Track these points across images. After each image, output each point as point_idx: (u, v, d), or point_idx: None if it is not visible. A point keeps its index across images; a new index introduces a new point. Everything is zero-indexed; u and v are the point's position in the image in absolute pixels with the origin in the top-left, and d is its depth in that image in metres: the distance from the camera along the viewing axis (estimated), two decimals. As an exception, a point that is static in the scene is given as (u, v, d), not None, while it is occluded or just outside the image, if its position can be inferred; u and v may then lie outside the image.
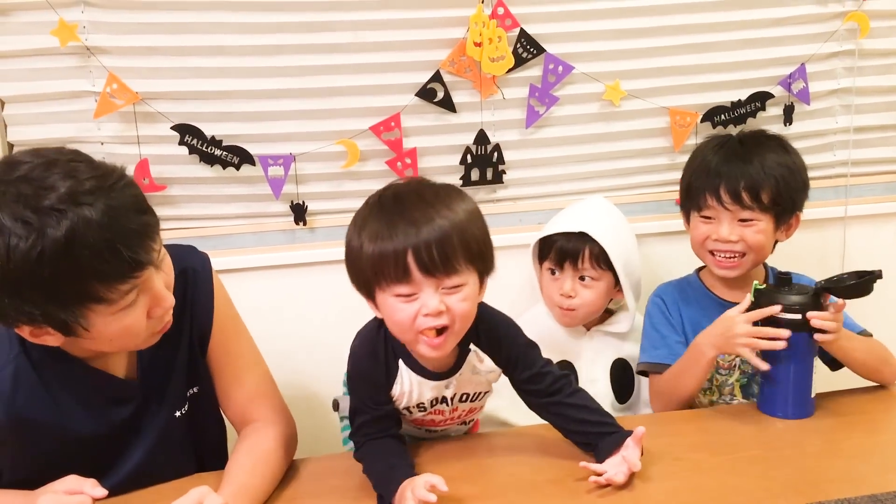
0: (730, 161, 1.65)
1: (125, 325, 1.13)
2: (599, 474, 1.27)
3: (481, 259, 1.25)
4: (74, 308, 1.08)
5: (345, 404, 1.71)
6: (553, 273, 1.77)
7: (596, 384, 1.79)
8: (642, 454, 1.31)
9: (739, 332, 1.46)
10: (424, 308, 1.20)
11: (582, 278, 1.74)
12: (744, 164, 1.63)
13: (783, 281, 1.48)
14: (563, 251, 1.74)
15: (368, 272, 1.22)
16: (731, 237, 1.62)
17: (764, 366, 1.46)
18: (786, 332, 1.43)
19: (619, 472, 1.27)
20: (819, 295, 1.46)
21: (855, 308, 2.11)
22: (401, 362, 1.34)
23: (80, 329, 1.11)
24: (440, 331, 1.23)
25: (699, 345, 1.54)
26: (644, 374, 1.71)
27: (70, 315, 1.09)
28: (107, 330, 1.12)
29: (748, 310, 1.47)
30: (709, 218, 1.66)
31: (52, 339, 1.13)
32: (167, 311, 1.20)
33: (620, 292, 1.76)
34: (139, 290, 1.12)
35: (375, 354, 1.34)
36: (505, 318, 1.40)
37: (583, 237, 1.72)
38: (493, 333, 1.36)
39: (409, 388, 1.35)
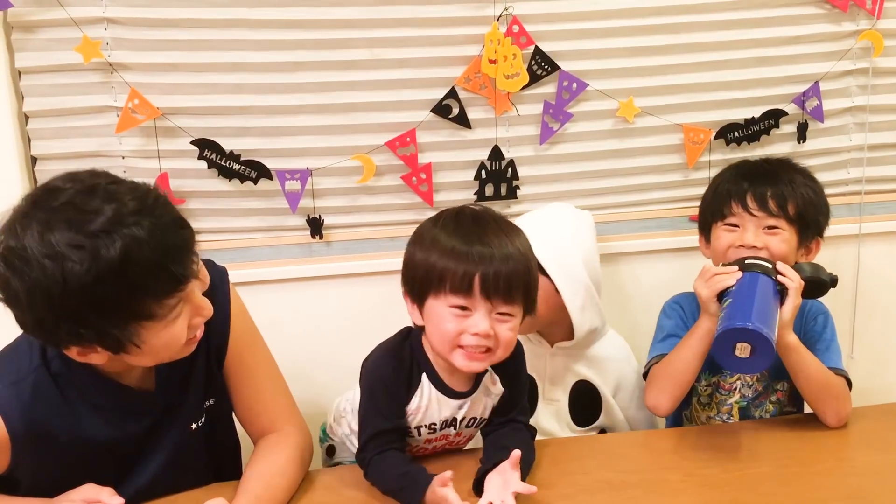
0: (757, 176, 1.66)
1: (170, 336, 1.16)
2: None
3: (532, 297, 1.34)
4: (127, 326, 1.11)
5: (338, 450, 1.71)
6: None
7: (556, 404, 1.74)
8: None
9: (700, 276, 1.54)
10: (474, 327, 1.27)
11: None
12: (772, 179, 1.64)
13: None
14: None
15: (432, 276, 1.29)
16: (757, 243, 1.59)
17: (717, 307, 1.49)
18: (734, 268, 1.50)
19: (506, 497, 1.24)
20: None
21: (866, 324, 2.13)
22: (424, 376, 1.37)
23: (132, 346, 1.13)
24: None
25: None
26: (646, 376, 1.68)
27: (123, 333, 1.11)
28: (155, 343, 1.15)
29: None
30: (733, 226, 1.64)
31: (99, 356, 1.15)
32: (205, 319, 1.24)
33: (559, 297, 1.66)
34: (183, 303, 1.16)
35: (400, 363, 1.37)
36: (520, 346, 1.45)
37: None
38: (516, 367, 1.43)
39: (426, 402, 1.37)
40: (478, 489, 1.30)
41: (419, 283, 1.31)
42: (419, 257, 1.31)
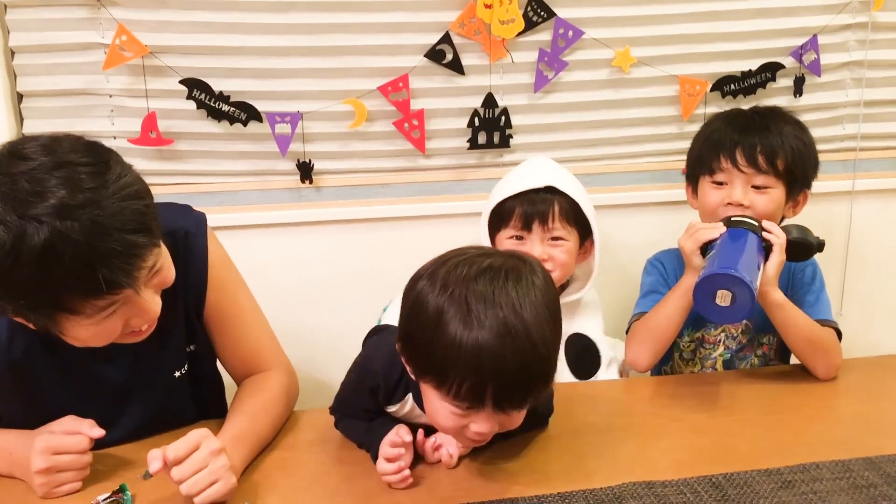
0: (747, 128, 1.63)
1: (97, 331, 1.11)
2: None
3: (549, 382, 1.13)
4: (46, 314, 1.07)
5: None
6: (520, 239, 1.60)
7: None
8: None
9: (685, 232, 1.53)
10: (475, 426, 1.10)
11: (552, 239, 1.59)
12: (761, 131, 1.61)
13: None
14: (531, 211, 1.58)
15: (434, 368, 1.07)
16: (744, 201, 1.57)
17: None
18: (719, 223, 1.51)
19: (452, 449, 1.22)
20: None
21: (856, 281, 2.14)
22: (409, 396, 1.26)
23: (54, 330, 1.10)
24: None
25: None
26: None
27: (41, 319, 1.08)
28: (80, 335, 1.11)
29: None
30: (721, 183, 1.62)
31: (30, 325, 1.11)
32: (147, 322, 1.18)
33: (584, 254, 1.66)
34: (119, 304, 1.10)
35: (392, 372, 1.23)
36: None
37: (547, 195, 1.59)
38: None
39: (406, 412, 1.28)
40: None
41: (417, 362, 1.11)
42: (423, 326, 1.07)
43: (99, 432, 1.19)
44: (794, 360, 1.66)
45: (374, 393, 1.26)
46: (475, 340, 1.02)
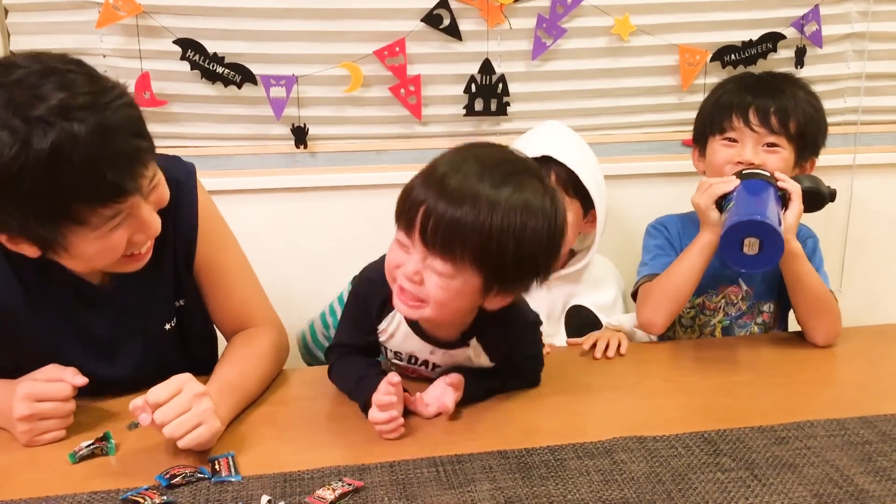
0: (761, 89, 1.62)
1: (103, 246, 1.10)
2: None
3: (497, 272, 1.12)
4: (53, 226, 1.06)
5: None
6: None
7: (553, 338, 1.62)
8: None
9: (698, 189, 1.51)
10: (401, 269, 1.14)
11: None
12: (775, 93, 1.60)
13: None
14: None
15: (400, 201, 1.15)
16: (755, 160, 1.56)
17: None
18: (732, 177, 1.49)
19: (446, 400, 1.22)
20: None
21: (856, 257, 2.11)
22: None
23: (59, 247, 1.09)
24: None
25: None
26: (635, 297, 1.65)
27: (48, 232, 1.06)
28: (85, 250, 1.10)
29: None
30: (732, 141, 1.60)
31: (30, 250, 1.10)
32: (149, 239, 1.17)
33: (588, 224, 1.65)
34: (124, 216, 1.09)
35: (383, 287, 1.23)
36: (531, 324, 1.33)
37: (545, 163, 1.57)
38: (507, 341, 1.28)
39: (394, 329, 1.29)
40: None
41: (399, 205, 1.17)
42: (419, 174, 1.15)
43: (81, 380, 1.18)
44: (792, 327, 1.64)
45: (368, 303, 1.28)
46: (435, 176, 1.11)
